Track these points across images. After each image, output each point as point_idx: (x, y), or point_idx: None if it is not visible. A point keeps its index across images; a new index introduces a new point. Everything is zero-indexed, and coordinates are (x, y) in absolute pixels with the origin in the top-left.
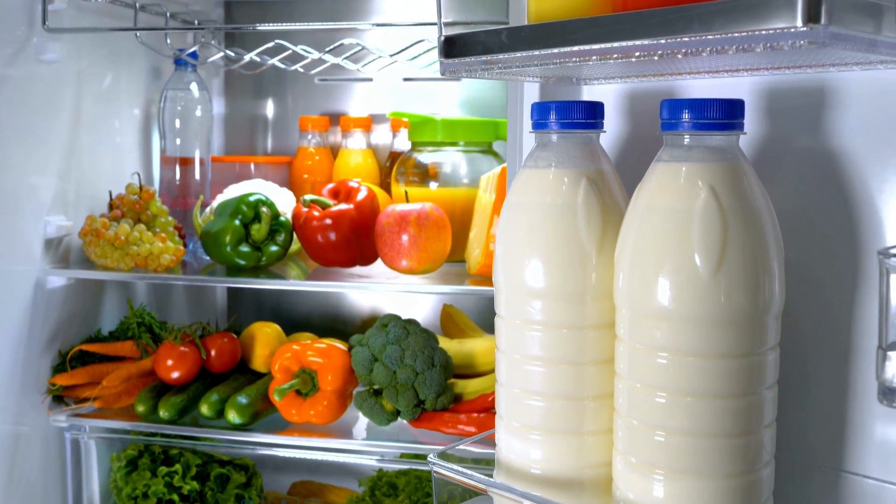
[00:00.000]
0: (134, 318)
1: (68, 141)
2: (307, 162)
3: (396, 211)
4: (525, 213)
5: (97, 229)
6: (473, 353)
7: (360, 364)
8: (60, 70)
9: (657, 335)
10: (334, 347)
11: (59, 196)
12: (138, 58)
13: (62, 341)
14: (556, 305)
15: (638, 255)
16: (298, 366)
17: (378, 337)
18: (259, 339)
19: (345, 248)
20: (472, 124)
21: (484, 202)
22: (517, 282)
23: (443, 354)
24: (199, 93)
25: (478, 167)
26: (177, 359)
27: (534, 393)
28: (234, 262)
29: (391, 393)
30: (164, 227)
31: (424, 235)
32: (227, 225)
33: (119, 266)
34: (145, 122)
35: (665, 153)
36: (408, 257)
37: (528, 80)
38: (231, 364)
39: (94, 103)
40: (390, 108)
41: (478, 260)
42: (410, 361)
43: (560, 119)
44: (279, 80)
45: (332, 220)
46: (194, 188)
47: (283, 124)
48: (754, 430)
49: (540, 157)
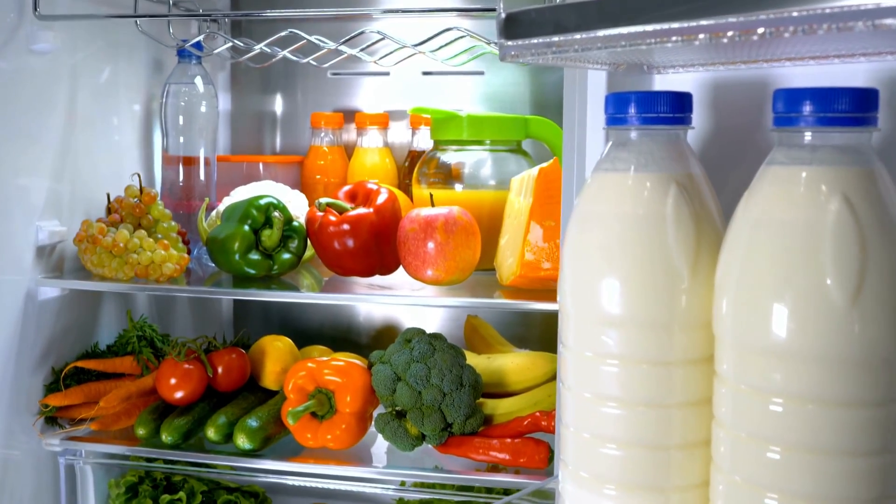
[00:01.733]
0: (134, 331)
1: (62, 139)
2: (319, 161)
3: (421, 216)
4: (600, 226)
5: (94, 235)
6: (504, 370)
7: (382, 384)
8: (54, 62)
9: (772, 376)
10: (353, 365)
11: (53, 199)
12: (138, 49)
13: (55, 357)
14: (637, 335)
15: (749, 278)
16: (314, 385)
17: (401, 354)
18: (270, 355)
19: (364, 255)
20: (500, 121)
21: (517, 206)
22: (590, 307)
23: (472, 373)
24: (204, 87)
25: (506, 168)
26: (180, 377)
27: (608, 439)
28: (243, 271)
29: (416, 415)
30: (166, 232)
31: (452, 243)
32: (235, 231)
33: (118, 276)
34: (146, 119)
35: (780, 154)
36: (434, 266)
37: (594, 67)
38: (240, 382)
39: (90, 98)
40: (407, 103)
41: (512, 270)
42: (437, 381)
43: (642, 112)
44: (288, 73)
45: (350, 226)
46: (199, 190)
47: (293, 121)
48: (891, 496)
49: (617, 158)
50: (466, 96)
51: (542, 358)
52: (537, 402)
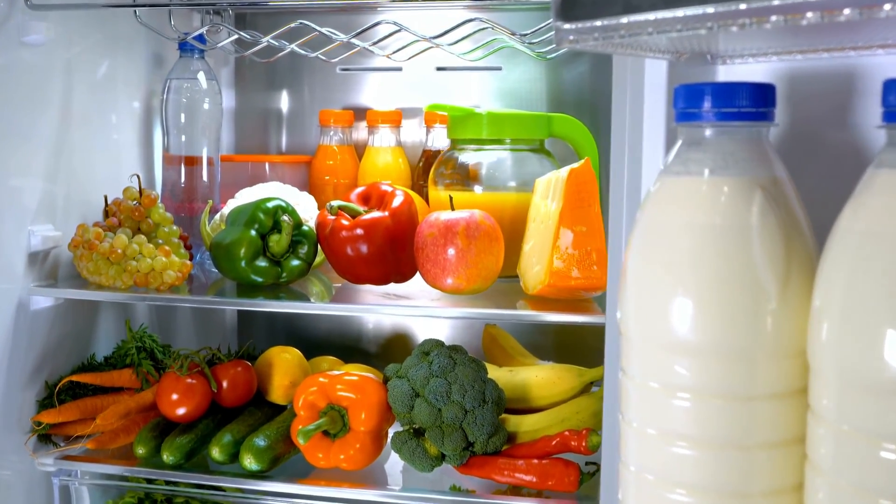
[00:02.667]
0: (133, 341)
1: (57, 138)
2: (329, 161)
3: (441, 220)
4: (671, 238)
5: (90, 241)
6: (528, 384)
7: (399, 400)
8: (47, 55)
9: (887, 417)
10: (368, 381)
11: (46, 202)
12: (138, 42)
13: (49, 371)
14: (715, 365)
15: (857, 300)
16: (326, 402)
17: (419, 368)
18: (277, 367)
19: (378, 262)
20: (521, 119)
21: (544, 210)
22: (658, 331)
23: (495, 388)
24: (207, 83)
25: (528, 168)
26: (183, 393)
27: (677, 483)
28: (249, 279)
29: (436, 434)
30: (167, 237)
31: (474, 249)
32: (241, 236)
33: (115, 284)
34: (146, 117)
35: (891, 155)
36: (454, 274)
37: (653, 55)
38: (246, 397)
39: (86, 94)
40: (419, 100)
41: (539, 278)
42: (458, 398)
43: (720, 106)
44: (294, 69)
45: (364, 231)
46: (202, 192)
47: (299, 119)
48: None
49: (690, 159)
50: (481, 93)
51: (568, 371)
52: (564, 418)
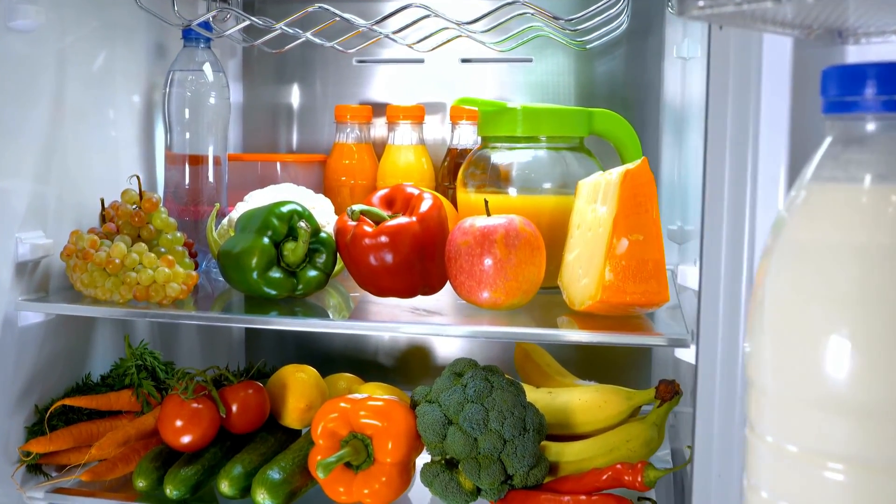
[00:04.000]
0: (132, 359)
1: (48, 135)
2: (345, 161)
3: (476, 227)
4: (824, 263)
5: (84, 249)
6: (570, 408)
7: (431, 428)
8: (37, 44)
9: None
10: (395, 406)
11: (36, 206)
12: (138, 31)
13: (39, 394)
14: (883, 429)
15: None
16: (348, 429)
17: (452, 392)
18: (292, 389)
19: (405, 273)
20: (560, 114)
21: (592, 216)
22: (804, 383)
23: (536, 415)
24: (213, 75)
25: (568, 169)
26: (188, 419)
27: None
28: (261, 291)
29: (471, 466)
30: (170, 245)
31: (514, 259)
32: (252, 244)
33: (113, 298)
34: (146, 112)
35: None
36: (492, 288)
37: (775, 29)
38: (257, 423)
39: (81, 88)
40: (441, 95)
41: (589, 293)
42: (496, 426)
43: (890, 93)
44: (306, 61)
45: (390, 238)
46: (207, 194)
47: (311, 115)
48: None
49: (850, 161)
50: (506, 86)
51: (614, 394)
52: (613, 448)
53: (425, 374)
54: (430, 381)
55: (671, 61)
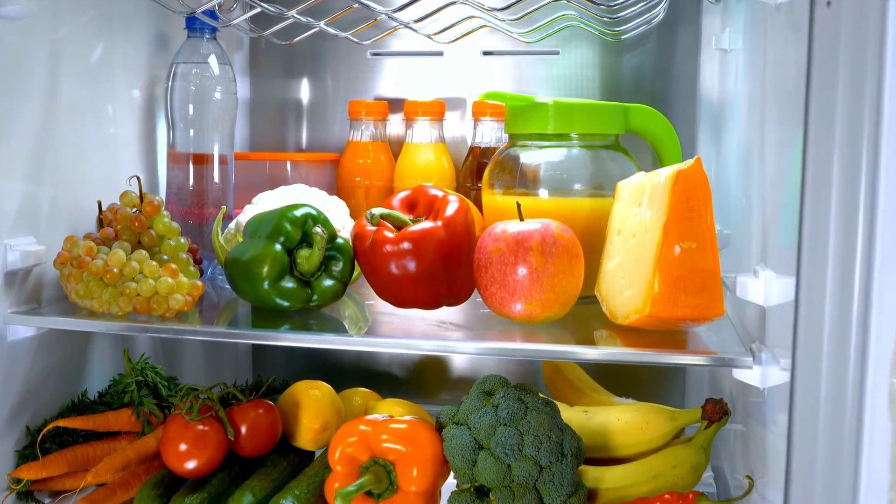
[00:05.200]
0: (132, 375)
1: (41, 132)
2: (359, 160)
3: (509, 232)
4: None
5: (80, 257)
6: (608, 428)
7: (459, 453)
8: (29, 35)
9: None
10: (420, 428)
11: (28, 209)
12: (139, 20)
13: (31, 414)
14: None
15: None
16: (368, 455)
17: (483, 414)
18: (306, 407)
19: (429, 282)
20: (595, 110)
21: (637, 221)
22: None
23: (573, 438)
24: (219, 68)
25: (603, 169)
26: (193, 442)
27: None
28: (273, 302)
29: (504, 495)
30: (174, 252)
31: (552, 268)
32: (264, 251)
33: (111, 310)
34: (147, 108)
35: None
36: (526, 299)
37: None
38: (268, 446)
39: (77, 82)
40: (460, 90)
41: (636, 306)
42: (532, 451)
43: None
44: (316, 54)
45: (413, 244)
46: (213, 195)
47: (321, 111)
48: None
49: None
50: (526, 81)
51: (657, 414)
52: (657, 474)
53: (442, 387)
54: (448, 395)
55: (709, 54)
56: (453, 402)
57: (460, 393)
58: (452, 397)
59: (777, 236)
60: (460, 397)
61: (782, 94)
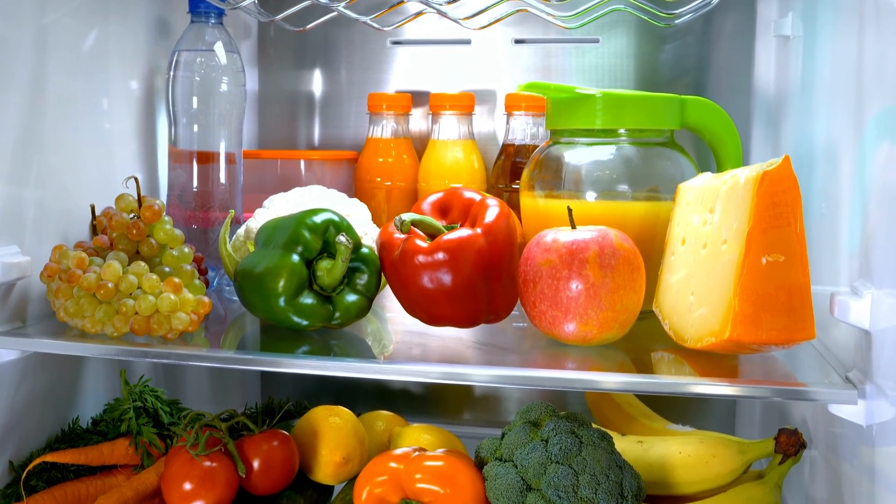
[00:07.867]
0: (130, 399)
1: (26, 128)
2: (379, 159)
3: (560, 242)
4: None
5: (70, 270)
6: (668, 463)
7: (505, 495)
8: (13, 21)
9: None
10: (458, 466)
11: (11, 214)
12: (136, 4)
13: (15, 446)
14: None
15: None
16: (400, 496)
17: (531, 450)
18: (325, 438)
19: (467, 297)
20: (649, 103)
21: (707, 228)
22: None
23: (633, 476)
24: (226, 56)
25: (659, 169)
26: (199, 481)
27: None
28: (290, 321)
29: None
30: (176, 264)
31: (611, 283)
32: (280, 262)
33: (105, 330)
34: (147, 101)
35: None
36: (581, 319)
37: None
38: (284, 482)
39: (67, 73)
40: (488, 81)
41: (712, 328)
42: (589, 493)
43: None
44: (330, 43)
45: (449, 255)
46: (219, 197)
47: (335, 105)
48: None
49: None
50: (555, 71)
51: (724, 447)
52: None
53: (463, 406)
54: (471, 414)
55: (765, 41)
56: (477, 423)
57: (484, 413)
58: (475, 417)
59: (887, 251)
60: (484, 417)
61: (889, 88)
